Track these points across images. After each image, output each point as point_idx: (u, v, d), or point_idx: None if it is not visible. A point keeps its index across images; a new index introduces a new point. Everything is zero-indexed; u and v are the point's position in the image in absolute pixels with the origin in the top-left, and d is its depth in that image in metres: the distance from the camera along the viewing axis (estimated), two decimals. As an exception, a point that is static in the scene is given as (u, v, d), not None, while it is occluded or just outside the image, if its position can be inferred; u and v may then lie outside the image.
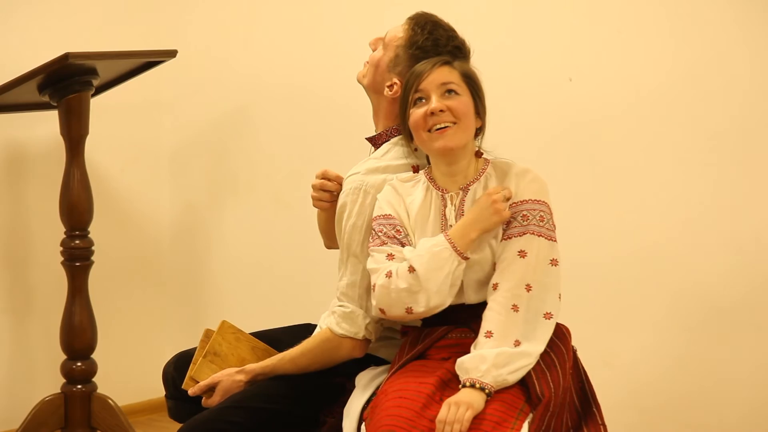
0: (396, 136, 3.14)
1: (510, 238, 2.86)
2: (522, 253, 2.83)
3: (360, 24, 4.28)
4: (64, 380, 4.28)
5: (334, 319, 3.09)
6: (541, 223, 2.86)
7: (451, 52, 3.04)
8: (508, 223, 2.87)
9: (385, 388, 2.85)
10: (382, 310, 2.91)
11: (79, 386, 4.26)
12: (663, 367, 3.73)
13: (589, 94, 3.81)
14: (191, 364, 3.16)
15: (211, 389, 3.11)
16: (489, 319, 2.82)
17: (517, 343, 2.79)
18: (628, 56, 3.74)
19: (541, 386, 2.79)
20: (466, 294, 2.92)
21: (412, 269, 2.85)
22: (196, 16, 4.86)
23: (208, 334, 3.24)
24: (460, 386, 2.77)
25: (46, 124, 4.39)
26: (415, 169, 3.01)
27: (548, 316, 2.83)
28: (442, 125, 2.88)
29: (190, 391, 3.12)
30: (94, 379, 4.29)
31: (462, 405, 2.71)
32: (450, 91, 2.90)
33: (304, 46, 4.54)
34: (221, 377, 3.11)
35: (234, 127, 4.81)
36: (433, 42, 3.06)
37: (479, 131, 2.97)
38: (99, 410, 4.26)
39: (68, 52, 3.90)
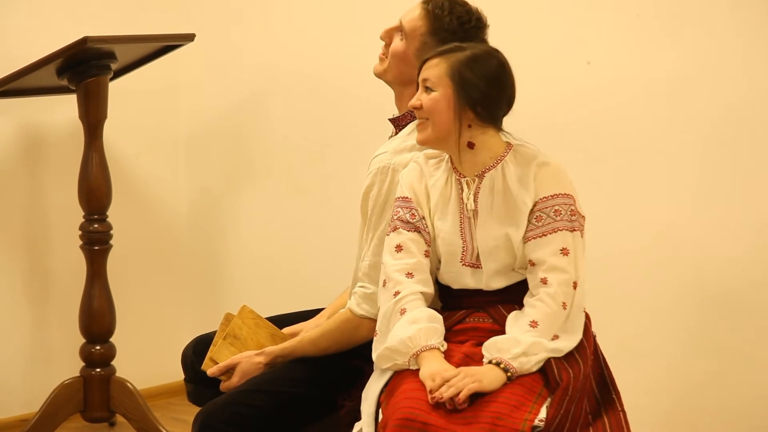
0: None
1: (545, 234, 2.87)
2: (565, 251, 2.85)
3: (375, 10, 4.27)
4: (83, 364, 4.29)
5: (355, 300, 3.09)
6: (572, 217, 2.87)
7: (475, 27, 3.05)
8: (538, 218, 2.87)
9: (403, 372, 2.86)
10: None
11: (98, 370, 4.27)
12: (681, 351, 3.73)
13: (607, 78, 3.80)
14: (211, 346, 3.17)
15: (229, 371, 3.12)
16: (539, 310, 2.84)
17: (556, 337, 2.82)
18: (647, 40, 3.73)
19: (560, 371, 2.79)
20: (484, 281, 2.92)
21: (377, 333, 2.93)
22: (213, 1, 4.86)
23: (228, 317, 3.25)
24: (485, 361, 2.78)
25: (65, 108, 4.40)
26: (471, 146, 2.97)
27: (584, 310, 2.88)
28: (419, 120, 2.94)
29: (209, 372, 3.12)
30: (112, 363, 4.30)
31: (471, 376, 2.72)
32: (427, 87, 2.92)
33: (320, 31, 4.54)
34: (240, 359, 3.11)
35: (250, 112, 4.81)
36: (457, 21, 3.06)
37: (488, 121, 2.92)
38: (118, 394, 4.27)
39: (87, 36, 3.90)
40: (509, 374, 2.76)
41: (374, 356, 2.93)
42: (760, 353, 3.59)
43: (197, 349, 3.30)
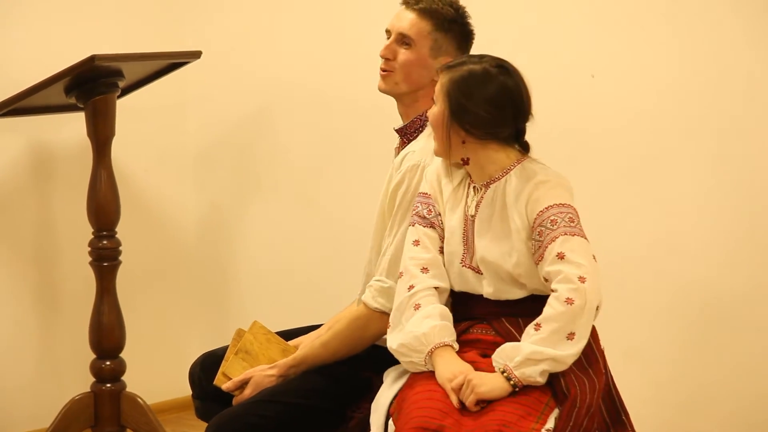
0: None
1: (546, 247, 2.85)
2: (560, 255, 2.82)
3: (379, 25, 4.29)
4: (93, 379, 4.30)
5: (370, 293, 3.11)
6: (571, 224, 2.85)
7: (459, 6, 3.17)
8: (539, 233, 2.86)
9: (411, 382, 2.88)
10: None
11: (108, 385, 4.28)
12: (682, 359, 3.74)
13: (611, 90, 3.82)
14: (223, 361, 3.19)
15: (242, 386, 3.14)
16: (544, 313, 2.82)
17: (572, 336, 2.78)
18: (651, 52, 3.75)
19: (567, 383, 2.79)
20: (484, 288, 2.94)
21: (390, 326, 2.97)
22: (219, 18, 4.88)
23: (240, 333, 3.27)
24: (496, 368, 2.81)
25: (73, 125, 4.41)
26: (465, 162, 3.00)
27: (598, 308, 2.83)
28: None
29: (224, 387, 3.14)
30: (123, 378, 4.31)
31: (476, 381, 2.75)
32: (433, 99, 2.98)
33: (324, 46, 4.57)
34: (253, 373, 3.13)
35: (257, 127, 4.83)
36: (450, 7, 3.16)
37: (486, 138, 2.94)
38: (128, 408, 4.28)
39: (94, 54, 3.92)
40: (512, 383, 2.77)
41: (390, 347, 2.95)
42: (759, 360, 3.61)
43: (205, 366, 3.32)
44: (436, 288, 2.96)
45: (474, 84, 2.91)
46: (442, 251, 3.00)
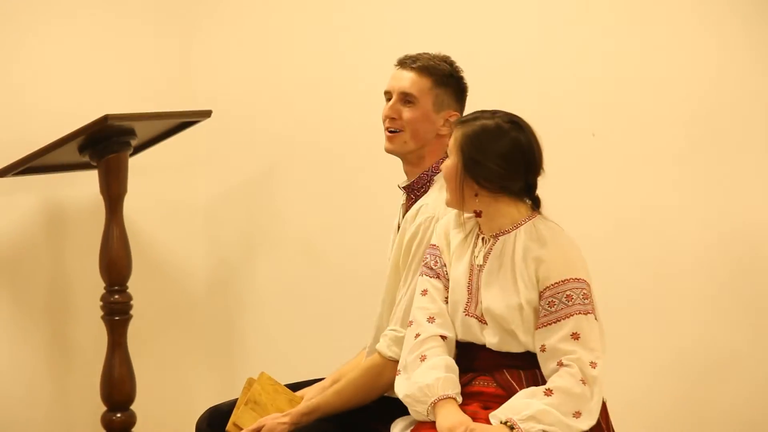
0: (437, 173, 3.24)
1: (558, 321, 2.88)
2: (575, 335, 2.86)
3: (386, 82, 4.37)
4: (104, 431, 4.31)
5: (385, 342, 3.15)
6: (585, 301, 2.88)
7: (450, 59, 3.26)
8: (550, 304, 2.89)
9: (415, 430, 2.93)
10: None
11: (119, 436, 4.29)
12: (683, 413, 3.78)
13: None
14: (234, 410, 3.22)
15: None
16: (555, 381, 2.85)
17: (578, 415, 2.82)
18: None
19: None
20: (487, 338, 2.97)
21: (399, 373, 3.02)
22: (229, 76, 4.92)
23: (250, 382, 3.31)
24: (494, 422, 2.84)
25: (86, 183, 4.44)
26: (478, 214, 3.05)
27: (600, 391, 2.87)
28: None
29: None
30: (133, 430, 4.31)
31: (478, 431, 2.79)
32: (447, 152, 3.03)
33: (332, 104, 4.61)
34: (266, 421, 3.15)
35: (266, 183, 4.86)
36: (444, 62, 3.26)
37: (498, 191, 2.98)
38: (138, 459, 4.29)
39: (107, 114, 3.96)
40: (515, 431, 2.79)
41: (398, 395, 3.00)
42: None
43: (212, 421, 3.33)
44: (442, 337, 3.00)
45: (487, 139, 2.96)
46: (446, 301, 3.04)
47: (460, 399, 2.93)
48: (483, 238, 3.01)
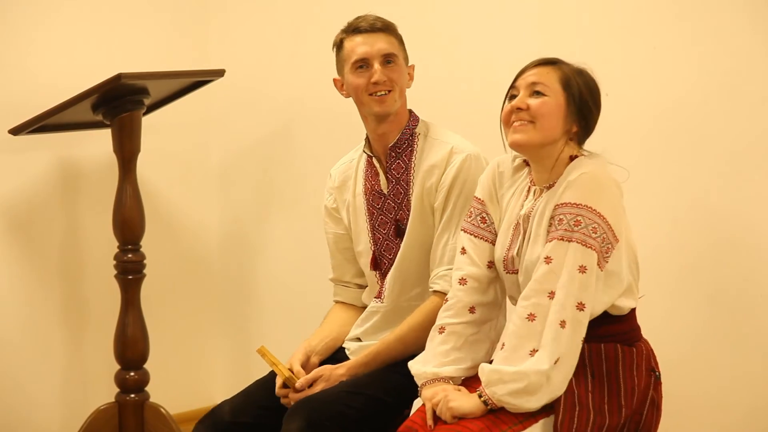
0: (415, 126, 3.37)
1: (546, 243, 2.80)
2: (548, 259, 2.76)
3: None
4: (117, 389, 4.35)
5: (448, 283, 3.15)
6: (576, 227, 2.74)
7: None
8: (550, 224, 2.81)
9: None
10: None
11: (133, 395, 4.33)
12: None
13: (624, 108, 3.87)
14: (277, 367, 3.21)
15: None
16: (507, 329, 2.82)
17: (533, 353, 2.72)
18: (663, 71, 3.80)
19: (562, 423, 2.74)
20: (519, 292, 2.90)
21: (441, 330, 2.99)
22: (243, 36, 4.94)
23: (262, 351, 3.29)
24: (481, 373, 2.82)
25: (100, 142, 4.47)
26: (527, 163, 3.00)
27: (563, 324, 2.71)
28: (518, 122, 2.87)
29: (298, 384, 3.17)
30: (146, 389, 4.36)
31: (451, 396, 2.79)
32: (537, 92, 2.88)
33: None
34: (323, 371, 3.19)
35: (280, 144, 4.88)
36: (383, 20, 3.37)
37: (582, 137, 2.92)
38: (151, 418, 4.32)
39: (120, 73, 3.97)
40: (483, 399, 2.76)
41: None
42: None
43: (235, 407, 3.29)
44: (468, 305, 2.96)
45: (586, 77, 2.92)
46: (490, 266, 2.98)
47: (456, 380, 2.93)
48: (535, 190, 2.93)
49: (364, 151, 3.46)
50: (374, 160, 3.41)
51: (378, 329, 3.36)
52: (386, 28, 3.34)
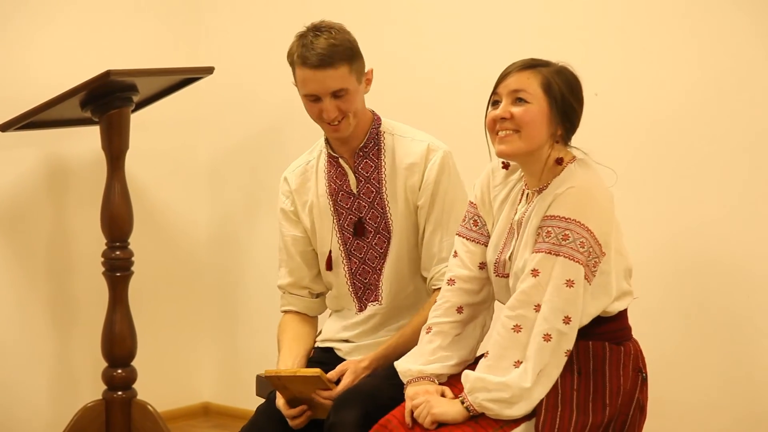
0: (379, 124, 3.35)
1: (531, 254, 2.79)
2: (534, 272, 2.75)
3: (392, 49, 4.36)
4: (105, 387, 4.35)
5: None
6: (564, 241, 2.72)
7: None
8: (538, 234, 2.78)
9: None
10: None
11: (120, 393, 4.32)
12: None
13: (614, 109, 3.88)
14: (304, 372, 3.14)
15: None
16: (490, 338, 2.82)
17: (518, 364, 2.73)
18: (653, 72, 3.80)
19: (544, 423, 2.74)
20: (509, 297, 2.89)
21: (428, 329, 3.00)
22: (233, 34, 4.94)
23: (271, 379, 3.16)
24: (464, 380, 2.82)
25: (88, 139, 4.47)
26: (505, 166, 2.98)
27: (547, 338, 2.71)
28: (503, 132, 2.83)
29: (333, 374, 3.15)
30: (134, 386, 4.36)
31: (433, 402, 2.79)
32: (519, 99, 2.82)
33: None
34: (348, 365, 3.18)
35: (268, 142, 4.88)
36: (343, 37, 3.26)
37: (566, 139, 2.88)
38: (138, 416, 4.32)
39: (109, 70, 3.97)
40: (465, 405, 2.77)
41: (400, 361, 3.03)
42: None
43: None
44: (456, 305, 2.96)
45: (566, 76, 2.86)
46: (481, 267, 2.97)
47: (441, 379, 2.93)
48: (527, 194, 2.91)
49: (327, 152, 3.43)
50: (341, 161, 3.39)
51: (378, 329, 3.36)
52: (334, 58, 3.19)
